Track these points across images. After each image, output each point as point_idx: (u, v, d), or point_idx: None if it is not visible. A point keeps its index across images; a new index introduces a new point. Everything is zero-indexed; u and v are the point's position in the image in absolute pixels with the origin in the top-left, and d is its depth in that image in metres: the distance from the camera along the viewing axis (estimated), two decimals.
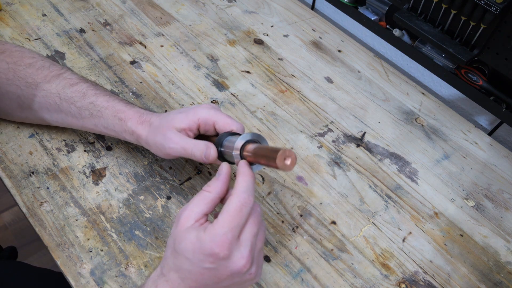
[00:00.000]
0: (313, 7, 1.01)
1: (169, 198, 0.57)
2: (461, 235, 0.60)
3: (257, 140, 0.46)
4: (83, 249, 0.51)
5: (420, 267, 0.56)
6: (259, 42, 0.84)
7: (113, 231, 0.53)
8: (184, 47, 0.79)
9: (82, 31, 0.78)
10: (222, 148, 0.48)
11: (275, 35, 0.86)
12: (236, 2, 0.92)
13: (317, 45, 0.86)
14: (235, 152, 0.44)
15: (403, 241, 0.58)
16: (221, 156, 0.48)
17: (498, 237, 0.61)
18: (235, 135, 0.49)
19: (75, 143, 0.61)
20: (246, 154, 0.44)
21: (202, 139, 0.50)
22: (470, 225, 0.62)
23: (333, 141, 0.69)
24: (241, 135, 0.45)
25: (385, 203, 0.62)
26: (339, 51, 0.86)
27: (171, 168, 0.60)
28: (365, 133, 0.71)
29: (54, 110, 0.55)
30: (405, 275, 0.55)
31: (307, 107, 0.73)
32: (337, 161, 0.66)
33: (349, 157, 0.67)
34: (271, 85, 0.76)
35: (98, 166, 0.59)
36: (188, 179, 0.59)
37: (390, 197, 0.63)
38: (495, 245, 0.60)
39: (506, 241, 0.61)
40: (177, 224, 0.41)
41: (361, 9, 0.89)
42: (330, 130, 0.70)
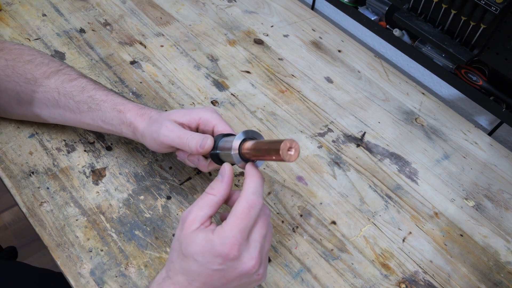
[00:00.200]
0: (313, 7, 1.01)
1: (169, 198, 0.57)
2: (461, 235, 0.60)
3: (253, 137, 0.45)
4: (83, 249, 0.51)
5: (420, 267, 0.56)
6: (259, 42, 0.84)
7: (113, 231, 0.53)
8: (184, 47, 0.79)
9: (82, 31, 0.78)
10: (218, 150, 0.47)
11: (275, 35, 0.86)
12: (236, 2, 0.92)
13: (317, 45, 0.86)
14: (233, 152, 0.43)
15: (403, 241, 0.58)
16: (217, 158, 0.47)
17: (498, 237, 0.61)
18: (229, 136, 0.47)
19: (75, 143, 0.61)
20: (245, 152, 0.43)
21: None
22: (470, 225, 0.62)
23: (333, 141, 0.69)
24: (237, 134, 0.44)
25: (385, 203, 0.62)
26: (339, 51, 0.86)
27: (171, 168, 0.60)
28: (365, 133, 0.71)
29: (52, 105, 0.55)
30: (405, 275, 0.55)
31: (307, 107, 0.73)
32: (337, 161, 0.66)
33: (349, 157, 0.67)
34: (271, 85, 0.76)
35: (98, 166, 0.59)
36: (188, 179, 0.59)
37: (390, 197, 0.63)
38: (495, 245, 0.60)
39: (506, 241, 0.61)
40: (183, 227, 0.41)
41: (361, 9, 0.89)
42: (330, 130, 0.70)
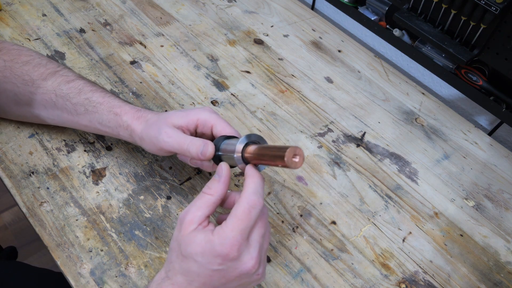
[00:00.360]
0: (313, 7, 1.01)
1: (169, 198, 0.57)
2: (461, 235, 0.60)
3: (256, 141, 0.45)
4: (83, 249, 0.51)
5: (420, 267, 0.56)
6: (259, 42, 0.84)
7: (113, 231, 0.53)
8: (184, 47, 0.79)
9: (82, 31, 0.78)
10: (220, 152, 0.47)
11: (275, 35, 0.86)
12: (236, 2, 0.92)
13: (317, 45, 0.86)
14: (236, 154, 0.43)
15: (403, 241, 0.58)
16: (219, 160, 0.48)
17: (498, 237, 0.61)
18: (231, 138, 0.48)
19: (75, 143, 0.61)
20: (248, 155, 0.43)
21: None
22: (470, 225, 0.62)
23: (333, 141, 0.69)
24: (241, 138, 0.44)
25: (385, 203, 0.62)
26: (339, 51, 0.86)
27: (171, 168, 0.60)
28: (365, 133, 0.71)
29: (50, 107, 0.55)
30: (405, 275, 0.55)
31: (307, 107, 0.73)
32: (337, 161, 0.66)
33: (349, 157, 0.67)
34: (271, 85, 0.76)
35: (98, 166, 0.59)
36: (188, 179, 0.59)
37: (390, 197, 0.63)
38: (495, 245, 0.60)
39: (506, 241, 0.61)
40: (181, 228, 0.41)
41: (361, 9, 0.89)
42: (330, 130, 0.70)
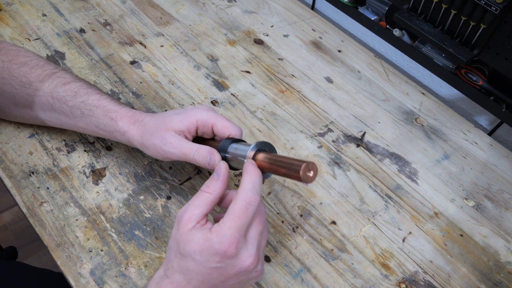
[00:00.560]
0: (313, 7, 1.01)
1: (169, 198, 0.57)
2: (461, 235, 0.60)
3: (265, 148, 0.46)
4: (83, 249, 0.51)
5: (420, 267, 0.56)
6: (259, 42, 0.84)
7: (113, 231, 0.53)
8: (184, 47, 0.79)
9: (82, 31, 0.78)
10: (227, 154, 0.47)
11: (275, 35, 0.86)
12: (236, 2, 0.92)
13: (317, 45, 0.86)
14: (247, 160, 0.44)
15: (403, 241, 0.58)
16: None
17: (498, 237, 0.61)
18: (239, 141, 0.48)
19: (75, 143, 0.61)
20: (259, 162, 0.44)
21: (198, 142, 0.50)
22: (470, 225, 0.62)
23: (333, 141, 0.69)
24: (253, 144, 0.45)
25: (385, 203, 0.62)
26: (339, 51, 0.86)
27: (171, 168, 0.60)
28: (365, 133, 0.71)
29: (47, 109, 0.54)
30: (405, 275, 0.55)
31: (307, 107, 0.73)
32: (337, 161, 0.66)
33: (349, 157, 0.67)
34: (271, 85, 0.76)
35: (98, 166, 0.59)
36: (188, 179, 0.59)
37: (390, 197, 0.63)
38: (495, 245, 0.60)
39: (506, 241, 0.61)
40: (179, 226, 0.41)
41: (361, 9, 0.89)
42: (330, 130, 0.70)
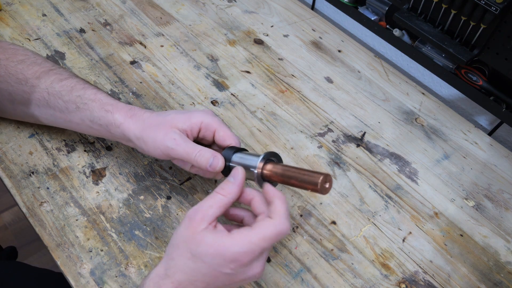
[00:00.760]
0: (313, 7, 1.01)
1: (169, 198, 0.57)
2: (461, 235, 0.60)
3: (273, 158, 0.46)
4: (83, 249, 0.51)
5: (420, 267, 0.56)
6: (259, 42, 0.84)
7: (113, 231, 0.53)
8: (184, 47, 0.79)
9: (82, 31, 0.78)
10: (231, 163, 0.48)
11: (275, 35, 0.86)
12: (236, 2, 0.92)
13: (317, 45, 0.86)
14: (257, 170, 0.44)
15: (403, 241, 0.58)
16: (228, 171, 0.48)
17: (498, 237, 0.61)
18: (242, 151, 0.48)
19: (75, 143, 0.61)
20: (269, 173, 0.44)
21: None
22: (470, 225, 0.62)
23: (333, 141, 0.69)
24: (262, 154, 0.45)
25: (385, 203, 0.62)
26: (339, 51, 0.86)
27: (171, 168, 0.60)
28: (365, 133, 0.71)
29: (43, 106, 0.54)
30: (405, 275, 0.55)
31: (307, 107, 0.73)
32: (337, 161, 0.66)
33: (349, 157, 0.67)
34: (271, 85, 0.76)
35: (98, 166, 0.59)
36: (188, 179, 0.59)
37: (390, 197, 0.63)
38: (495, 245, 0.60)
39: (506, 241, 0.61)
40: (190, 225, 0.41)
41: (361, 9, 0.89)
42: (330, 130, 0.70)
